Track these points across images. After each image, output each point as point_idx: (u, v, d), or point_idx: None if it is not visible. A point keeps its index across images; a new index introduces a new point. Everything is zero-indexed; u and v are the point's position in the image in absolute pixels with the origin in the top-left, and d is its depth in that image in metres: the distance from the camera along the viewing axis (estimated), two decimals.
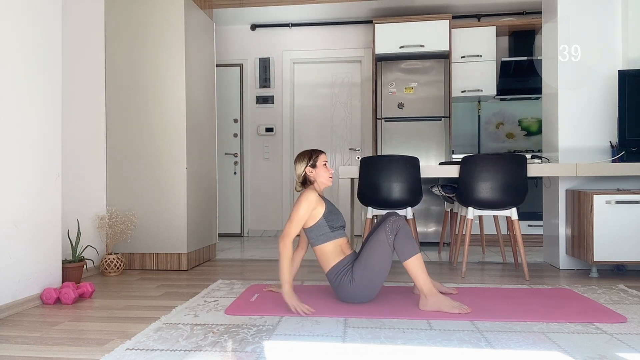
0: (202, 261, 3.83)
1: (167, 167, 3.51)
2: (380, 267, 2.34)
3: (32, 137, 2.54)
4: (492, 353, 1.75)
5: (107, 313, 2.36)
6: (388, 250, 2.33)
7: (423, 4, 4.97)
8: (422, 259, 2.34)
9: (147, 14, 3.53)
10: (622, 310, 2.31)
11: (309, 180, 2.53)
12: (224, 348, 1.82)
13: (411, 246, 2.32)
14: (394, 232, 2.33)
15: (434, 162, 4.76)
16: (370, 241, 2.38)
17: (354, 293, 2.38)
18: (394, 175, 3.26)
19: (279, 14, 5.30)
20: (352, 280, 2.36)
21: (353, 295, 2.39)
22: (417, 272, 2.31)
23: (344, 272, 2.39)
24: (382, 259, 2.33)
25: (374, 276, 2.35)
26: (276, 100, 5.66)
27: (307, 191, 2.45)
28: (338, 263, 2.41)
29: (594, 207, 3.07)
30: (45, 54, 2.65)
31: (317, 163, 2.51)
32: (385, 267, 2.35)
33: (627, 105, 3.25)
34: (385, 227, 2.34)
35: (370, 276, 2.34)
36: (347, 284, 2.37)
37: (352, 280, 2.36)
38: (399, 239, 2.32)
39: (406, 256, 2.31)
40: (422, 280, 2.31)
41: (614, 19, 3.43)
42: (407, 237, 2.32)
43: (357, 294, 2.38)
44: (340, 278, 2.39)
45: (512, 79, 5.03)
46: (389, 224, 2.34)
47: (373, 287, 2.38)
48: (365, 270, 2.34)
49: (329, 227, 2.43)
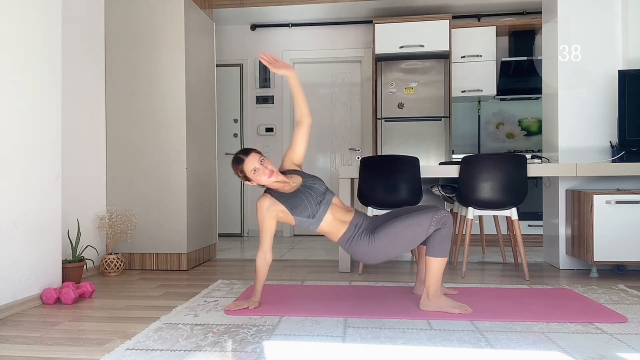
0: (202, 261, 3.83)
1: (167, 167, 3.51)
2: (406, 244, 2.30)
3: (32, 137, 2.54)
4: (492, 353, 1.75)
5: (107, 313, 2.36)
6: (422, 236, 2.28)
7: (423, 4, 4.97)
8: (445, 263, 2.31)
9: (147, 14, 3.53)
10: (622, 310, 2.31)
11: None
12: (224, 348, 1.82)
13: (445, 247, 2.28)
14: (439, 226, 2.27)
15: (434, 162, 4.76)
16: (409, 218, 2.30)
17: (371, 253, 2.33)
18: (394, 175, 3.26)
19: (279, 14, 5.30)
20: (372, 242, 2.30)
21: (369, 255, 2.34)
22: (435, 273, 2.29)
23: (357, 236, 2.33)
24: (412, 240, 2.29)
25: (395, 247, 2.30)
26: (276, 100, 5.66)
27: (258, 200, 2.37)
28: (345, 232, 2.36)
29: (594, 207, 3.07)
30: (45, 54, 2.65)
31: (248, 174, 2.33)
32: (409, 246, 2.31)
33: (627, 105, 3.25)
34: (433, 216, 2.27)
35: (392, 246, 2.30)
36: (365, 244, 2.31)
37: (372, 242, 2.30)
38: (438, 234, 2.27)
39: (436, 253, 2.27)
40: (433, 281, 2.30)
41: (614, 19, 3.43)
42: (446, 237, 2.28)
43: (373, 255, 2.33)
44: (355, 242, 2.33)
45: (512, 79, 5.03)
46: (439, 216, 2.27)
47: (389, 254, 2.33)
48: (392, 241, 2.29)
49: (307, 217, 2.33)
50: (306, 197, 2.34)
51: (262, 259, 2.37)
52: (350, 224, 2.37)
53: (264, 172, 2.31)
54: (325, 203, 2.36)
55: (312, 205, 2.33)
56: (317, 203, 2.34)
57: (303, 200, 2.33)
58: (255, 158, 2.32)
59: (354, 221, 2.38)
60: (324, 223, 2.35)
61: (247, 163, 2.31)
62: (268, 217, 2.34)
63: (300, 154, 2.50)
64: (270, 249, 2.38)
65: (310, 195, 2.34)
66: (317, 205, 2.33)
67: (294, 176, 2.43)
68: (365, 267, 3.52)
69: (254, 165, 2.31)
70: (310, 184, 2.39)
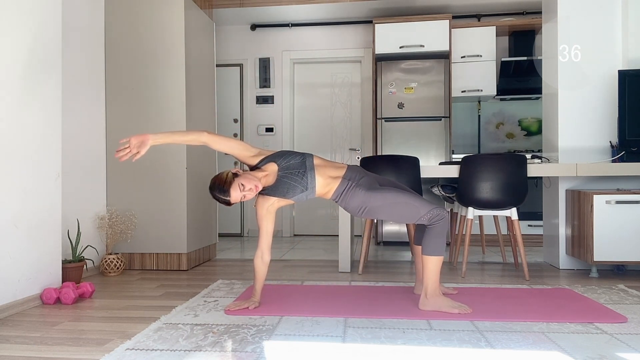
0: (202, 261, 3.83)
1: (167, 167, 3.51)
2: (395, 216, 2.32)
3: (32, 137, 2.54)
4: (492, 353, 1.75)
5: (107, 313, 2.36)
6: (412, 219, 2.31)
7: (423, 4, 4.97)
8: (441, 262, 2.32)
9: (147, 14, 3.53)
10: (622, 310, 2.31)
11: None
12: (224, 348, 1.82)
13: (440, 245, 2.30)
14: (431, 221, 2.29)
15: (434, 162, 4.76)
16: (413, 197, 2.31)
17: (360, 205, 2.33)
18: (394, 175, 3.26)
19: (279, 14, 5.30)
20: (368, 196, 2.30)
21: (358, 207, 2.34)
22: (432, 271, 2.30)
23: (352, 189, 2.33)
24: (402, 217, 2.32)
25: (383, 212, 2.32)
26: (276, 100, 5.66)
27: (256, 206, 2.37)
28: (337, 187, 2.35)
29: (594, 207, 3.07)
30: (45, 54, 2.65)
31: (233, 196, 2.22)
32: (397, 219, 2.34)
33: (627, 105, 3.25)
34: (431, 210, 2.29)
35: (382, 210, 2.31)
36: (361, 196, 2.31)
37: (367, 196, 2.30)
38: (432, 232, 2.29)
39: (431, 252, 2.29)
40: (431, 280, 2.31)
41: (614, 19, 3.43)
42: (440, 235, 2.30)
43: (362, 209, 2.34)
44: (351, 194, 2.33)
45: (512, 79, 5.03)
46: (436, 212, 2.29)
47: (374, 215, 2.35)
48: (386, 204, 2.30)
49: (300, 192, 2.31)
50: (289, 178, 2.30)
51: (260, 259, 2.37)
52: (343, 178, 2.36)
53: (251, 193, 2.24)
54: (309, 169, 2.33)
55: (299, 180, 2.30)
56: (301, 176, 2.31)
57: (288, 182, 2.29)
58: (236, 192, 2.21)
59: (347, 175, 2.37)
60: (319, 187, 2.35)
61: (233, 200, 2.24)
62: (265, 213, 2.34)
63: (240, 152, 2.37)
64: (268, 248, 2.38)
65: (292, 175, 2.31)
66: (303, 177, 2.30)
67: (268, 165, 2.35)
68: (365, 267, 3.52)
69: (239, 198, 2.23)
70: (285, 164, 2.33)
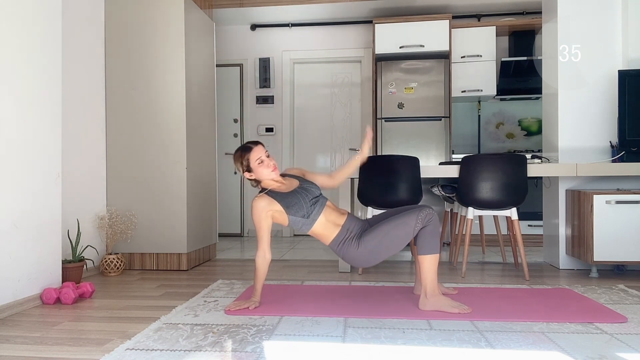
0: (202, 261, 3.83)
1: (167, 167, 3.51)
2: (394, 245, 2.32)
3: (32, 137, 2.54)
4: (492, 353, 1.75)
5: (107, 313, 2.36)
6: (409, 235, 2.30)
7: (423, 4, 4.97)
8: (437, 260, 2.32)
9: (147, 14, 3.53)
10: (622, 310, 2.31)
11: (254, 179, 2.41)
12: (224, 348, 1.82)
13: (434, 244, 2.30)
14: (424, 223, 2.30)
15: (434, 162, 4.76)
16: (396, 219, 2.33)
17: (360, 257, 2.36)
18: (394, 175, 3.26)
19: (279, 14, 5.30)
20: (359, 246, 2.33)
21: (357, 259, 2.37)
22: (429, 270, 2.30)
23: (349, 240, 2.36)
24: (400, 240, 2.31)
25: (383, 249, 2.33)
26: (276, 100, 5.66)
27: (253, 201, 2.36)
28: (337, 236, 2.38)
29: (594, 207, 3.07)
30: (45, 54, 2.65)
31: (251, 165, 2.34)
32: (398, 247, 2.34)
33: (627, 105, 3.25)
34: (418, 214, 2.30)
35: (381, 248, 2.32)
36: (355, 249, 2.34)
37: (359, 246, 2.33)
38: (425, 232, 2.30)
39: (425, 251, 2.30)
40: (429, 279, 2.31)
41: (614, 19, 3.43)
42: (433, 234, 2.30)
43: (362, 258, 2.36)
44: (347, 246, 2.36)
45: (512, 79, 5.03)
46: (424, 213, 2.30)
47: (379, 257, 2.36)
48: (380, 242, 2.31)
49: (301, 217, 2.35)
50: (302, 196, 2.36)
51: (262, 258, 2.37)
52: (343, 227, 2.40)
53: (267, 165, 2.35)
54: (320, 205, 2.39)
55: (307, 205, 2.35)
56: (312, 204, 2.36)
57: (299, 199, 2.35)
58: (262, 149, 2.37)
59: (347, 225, 2.40)
60: (317, 225, 2.37)
61: (254, 151, 2.34)
62: (264, 216, 2.35)
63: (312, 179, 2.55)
64: (269, 247, 2.39)
65: (305, 196, 2.37)
66: (312, 205, 2.36)
67: (291, 179, 2.49)
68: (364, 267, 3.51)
69: (260, 155, 2.34)
70: (306, 187, 2.43)
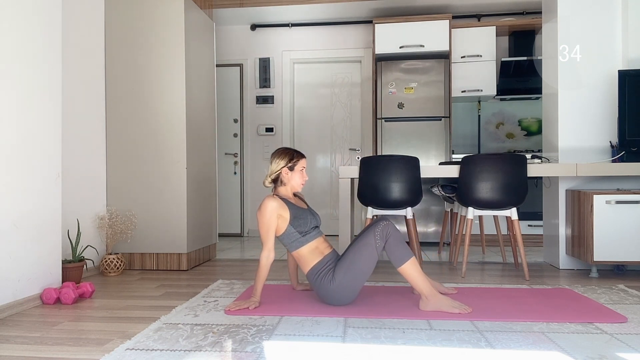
0: (202, 261, 3.83)
1: (167, 167, 3.51)
2: (364, 270, 2.31)
3: (32, 137, 2.54)
4: (492, 353, 1.75)
5: (107, 313, 2.36)
6: (374, 254, 2.29)
7: (423, 4, 4.97)
8: (417, 262, 2.30)
9: (147, 14, 3.53)
10: (622, 310, 2.31)
11: (280, 180, 2.50)
12: (224, 348, 1.82)
13: (404, 250, 2.28)
14: (384, 238, 2.28)
15: (434, 162, 4.76)
16: (357, 243, 2.34)
17: (334, 293, 2.34)
18: (394, 175, 3.26)
19: (279, 14, 5.30)
20: (333, 280, 2.32)
21: (333, 295, 2.34)
22: (414, 276, 2.29)
23: (325, 272, 2.35)
24: (367, 263, 2.30)
25: (355, 278, 2.31)
26: (276, 100, 5.66)
27: (266, 199, 2.40)
28: (317, 264, 2.37)
29: (594, 207, 3.07)
30: (45, 54, 2.65)
31: (296, 167, 2.49)
32: (368, 271, 2.32)
33: (627, 105, 3.25)
34: (375, 232, 2.29)
35: (351, 278, 2.31)
36: (328, 284, 2.33)
37: (332, 280, 2.32)
38: (390, 245, 2.28)
39: (401, 261, 2.28)
40: (420, 283, 2.30)
41: (614, 19, 3.43)
42: (398, 243, 2.28)
43: (337, 294, 2.34)
44: (321, 278, 2.35)
45: (512, 79, 5.03)
46: (379, 229, 2.29)
47: (353, 289, 2.34)
48: (348, 271, 2.30)
49: (298, 232, 2.39)
50: (309, 217, 2.46)
51: (266, 258, 2.39)
52: (325, 257, 2.40)
53: (302, 177, 2.53)
54: (317, 232, 2.47)
55: (309, 226, 2.42)
56: (312, 227, 2.45)
57: (306, 217, 2.44)
58: (306, 163, 2.58)
59: (329, 257, 2.41)
60: (306, 247, 2.40)
61: (304, 160, 2.54)
62: (274, 216, 2.39)
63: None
64: (274, 247, 2.41)
65: (312, 219, 2.47)
66: (312, 229, 2.44)
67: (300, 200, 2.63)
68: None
69: (305, 166, 2.55)
70: (314, 213, 2.54)
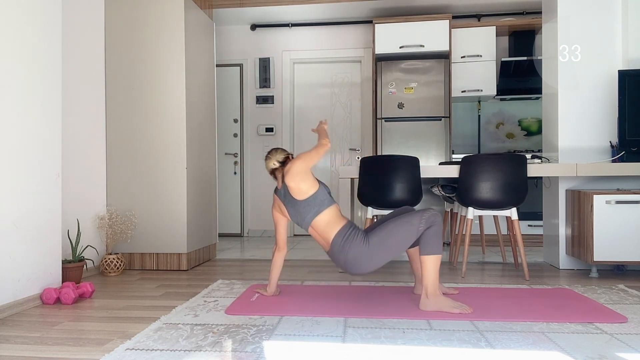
0: (202, 261, 3.83)
1: (167, 167, 3.51)
2: (397, 244, 2.33)
3: (32, 137, 2.55)
4: (492, 353, 1.75)
5: (107, 313, 2.36)
6: (413, 235, 2.32)
7: (423, 4, 4.97)
8: (439, 261, 2.32)
9: (147, 14, 3.53)
10: (622, 310, 2.31)
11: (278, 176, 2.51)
12: (224, 348, 1.82)
13: (437, 245, 2.32)
14: (428, 225, 2.32)
15: (434, 162, 4.76)
16: (399, 219, 2.36)
17: (363, 255, 2.35)
18: (394, 175, 3.26)
19: (279, 14, 5.30)
20: (367, 242, 2.35)
21: (361, 257, 2.35)
22: (430, 271, 2.30)
23: (354, 234, 2.38)
24: (403, 239, 2.33)
25: (387, 249, 2.34)
26: (276, 100, 5.66)
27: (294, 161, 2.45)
28: (344, 226, 2.41)
29: (594, 207, 3.07)
30: (45, 54, 2.65)
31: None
32: (400, 248, 2.34)
33: (627, 105, 3.25)
34: (422, 215, 2.33)
35: (384, 247, 2.33)
36: (360, 244, 2.35)
37: (367, 242, 2.35)
38: (429, 232, 2.32)
39: (429, 251, 2.31)
40: (430, 280, 2.31)
41: (614, 19, 3.43)
42: (437, 235, 2.33)
43: (365, 257, 2.35)
44: (352, 239, 2.37)
45: (512, 79, 5.03)
46: (427, 215, 2.33)
47: (381, 258, 2.35)
48: (383, 239, 2.33)
49: (327, 193, 2.46)
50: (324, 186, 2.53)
51: None
52: (349, 221, 2.46)
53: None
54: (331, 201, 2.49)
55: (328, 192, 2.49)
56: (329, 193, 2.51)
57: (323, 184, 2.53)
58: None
59: (351, 222, 2.47)
60: (329, 211, 2.42)
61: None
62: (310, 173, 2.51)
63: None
64: None
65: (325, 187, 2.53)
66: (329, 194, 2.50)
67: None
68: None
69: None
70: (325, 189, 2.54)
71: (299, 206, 2.43)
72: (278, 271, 2.59)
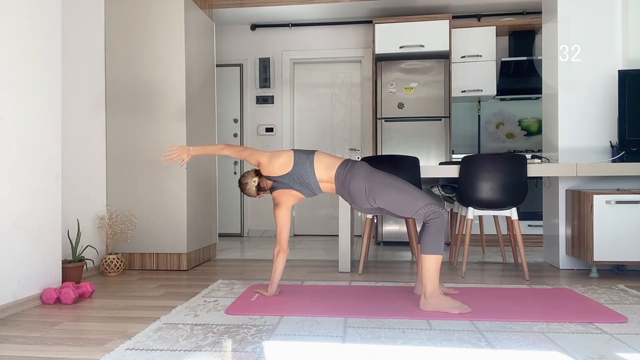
0: (202, 261, 3.83)
1: (167, 167, 3.51)
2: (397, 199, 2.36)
3: (32, 137, 2.55)
4: (492, 353, 1.75)
5: (107, 313, 2.36)
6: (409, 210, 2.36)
7: (423, 4, 4.97)
8: (440, 261, 2.32)
9: (147, 14, 3.53)
10: (622, 310, 2.31)
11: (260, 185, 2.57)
12: (224, 348, 1.82)
13: (438, 245, 2.31)
14: (429, 214, 2.32)
15: (434, 162, 4.76)
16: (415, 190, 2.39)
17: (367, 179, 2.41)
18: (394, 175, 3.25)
19: (279, 14, 5.30)
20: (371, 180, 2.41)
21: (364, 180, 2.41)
22: (431, 271, 2.30)
23: (350, 167, 2.45)
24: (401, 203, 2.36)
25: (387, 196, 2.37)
26: (276, 100, 5.66)
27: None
28: (338, 169, 2.47)
29: (594, 207, 3.07)
30: (45, 54, 2.65)
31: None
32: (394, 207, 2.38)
33: (627, 105, 3.25)
34: (430, 203, 2.34)
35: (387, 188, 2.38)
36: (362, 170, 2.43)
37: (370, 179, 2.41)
38: (430, 231, 2.31)
39: (429, 251, 2.30)
40: (430, 280, 2.30)
41: (614, 19, 3.43)
42: (439, 234, 2.31)
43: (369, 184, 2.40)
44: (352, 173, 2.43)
45: (512, 79, 5.03)
46: (434, 206, 2.33)
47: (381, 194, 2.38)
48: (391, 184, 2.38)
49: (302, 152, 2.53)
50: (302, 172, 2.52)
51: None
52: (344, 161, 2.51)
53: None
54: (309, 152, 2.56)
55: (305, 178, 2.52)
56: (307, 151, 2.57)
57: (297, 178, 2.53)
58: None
59: (345, 162, 2.51)
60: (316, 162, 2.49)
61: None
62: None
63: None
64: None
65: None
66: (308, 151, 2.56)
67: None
68: (365, 267, 3.52)
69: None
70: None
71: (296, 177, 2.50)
72: (281, 273, 2.59)
